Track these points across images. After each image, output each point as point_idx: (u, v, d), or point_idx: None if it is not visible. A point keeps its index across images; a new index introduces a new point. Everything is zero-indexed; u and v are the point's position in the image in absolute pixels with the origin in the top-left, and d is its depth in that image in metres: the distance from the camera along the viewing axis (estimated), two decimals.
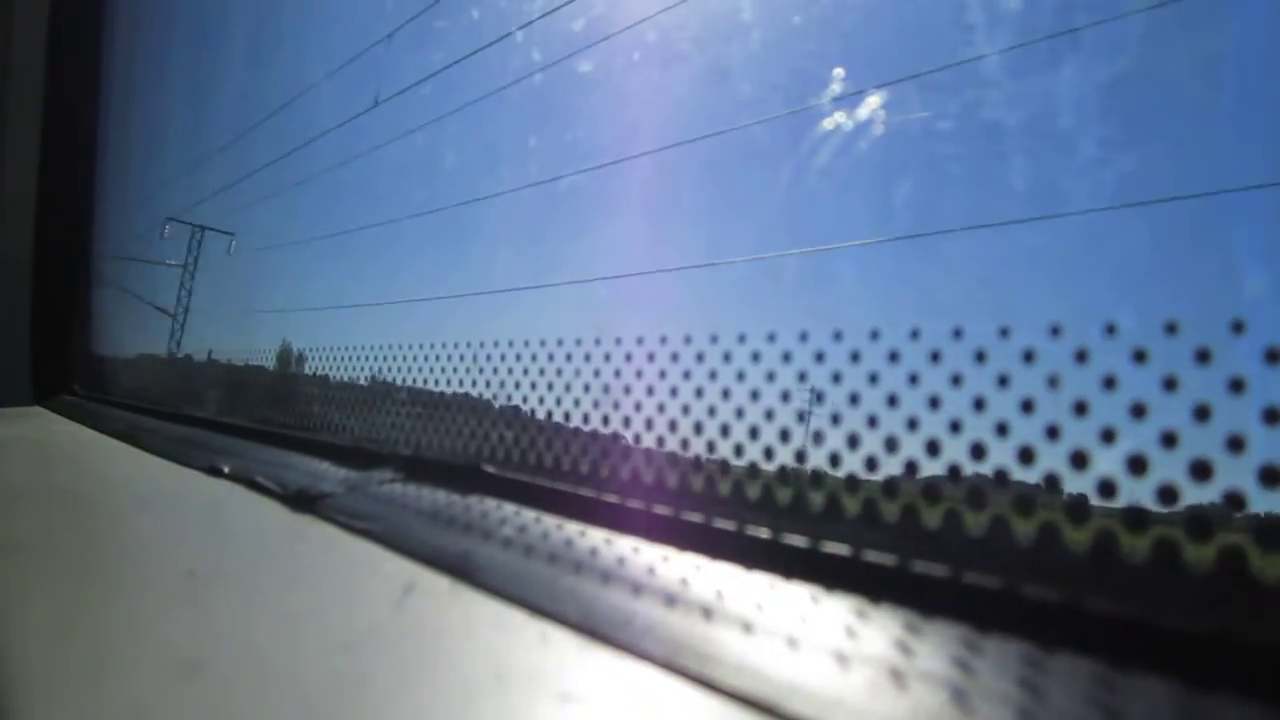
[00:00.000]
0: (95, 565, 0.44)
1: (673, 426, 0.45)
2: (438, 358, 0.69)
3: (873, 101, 0.51)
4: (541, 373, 0.56)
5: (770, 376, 0.42)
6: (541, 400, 0.55)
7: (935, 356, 0.35)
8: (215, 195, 1.70)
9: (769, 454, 0.41)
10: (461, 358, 0.66)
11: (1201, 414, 0.27)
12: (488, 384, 0.61)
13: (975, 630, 0.27)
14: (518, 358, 0.59)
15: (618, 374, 0.50)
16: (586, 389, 0.52)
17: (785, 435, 0.41)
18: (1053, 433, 0.31)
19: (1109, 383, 0.30)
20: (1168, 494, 0.27)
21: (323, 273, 1.37)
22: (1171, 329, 0.29)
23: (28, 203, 1.58)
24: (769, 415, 0.42)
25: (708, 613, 0.31)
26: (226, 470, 0.64)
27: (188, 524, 0.54)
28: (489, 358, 0.62)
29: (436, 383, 0.68)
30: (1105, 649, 0.24)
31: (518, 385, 0.58)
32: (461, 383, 0.65)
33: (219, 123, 1.72)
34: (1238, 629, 0.23)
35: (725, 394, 0.44)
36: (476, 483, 0.50)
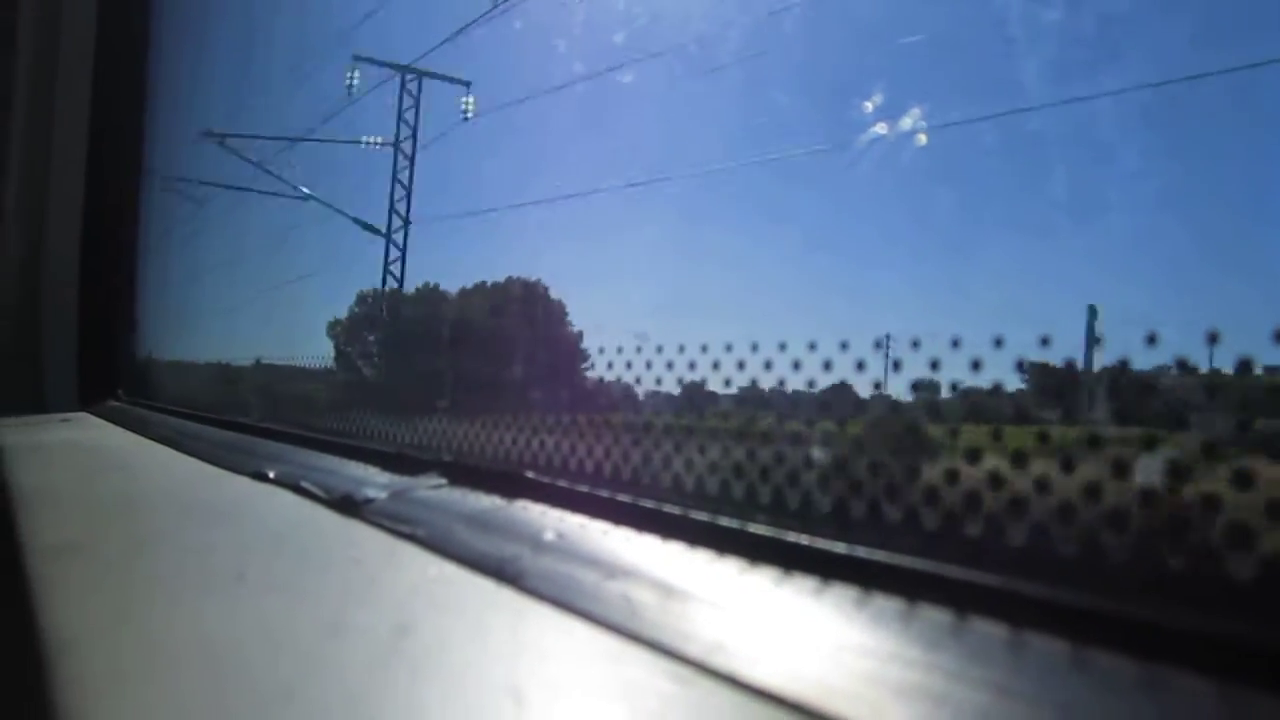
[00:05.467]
0: (148, 568, 0.45)
1: (714, 434, 0.46)
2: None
3: (915, 112, 0.51)
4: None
5: (811, 384, 0.42)
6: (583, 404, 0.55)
7: (976, 365, 0.35)
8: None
9: (809, 462, 0.41)
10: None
11: (1243, 425, 0.28)
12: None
13: (1013, 632, 0.27)
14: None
15: (659, 381, 0.50)
16: (630, 395, 0.52)
17: (828, 441, 0.41)
18: (1094, 441, 0.31)
19: (1148, 389, 0.30)
20: (1210, 501, 0.27)
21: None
22: (1213, 339, 0.29)
23: (75, 209, 1.60)
24: (810, 423, 0.42)
25: (752, 616, 0.31)
26: (271, 475, 0.65)
27: (236, 528, 0.54)
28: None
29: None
30: (1140, 652, 0.24)
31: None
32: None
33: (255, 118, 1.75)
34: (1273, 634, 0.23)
35: (765, 401, 0.44)
36: (520, 488, 0.50)
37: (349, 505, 0.52)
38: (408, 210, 1.49)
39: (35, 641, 0.34)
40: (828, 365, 0.42)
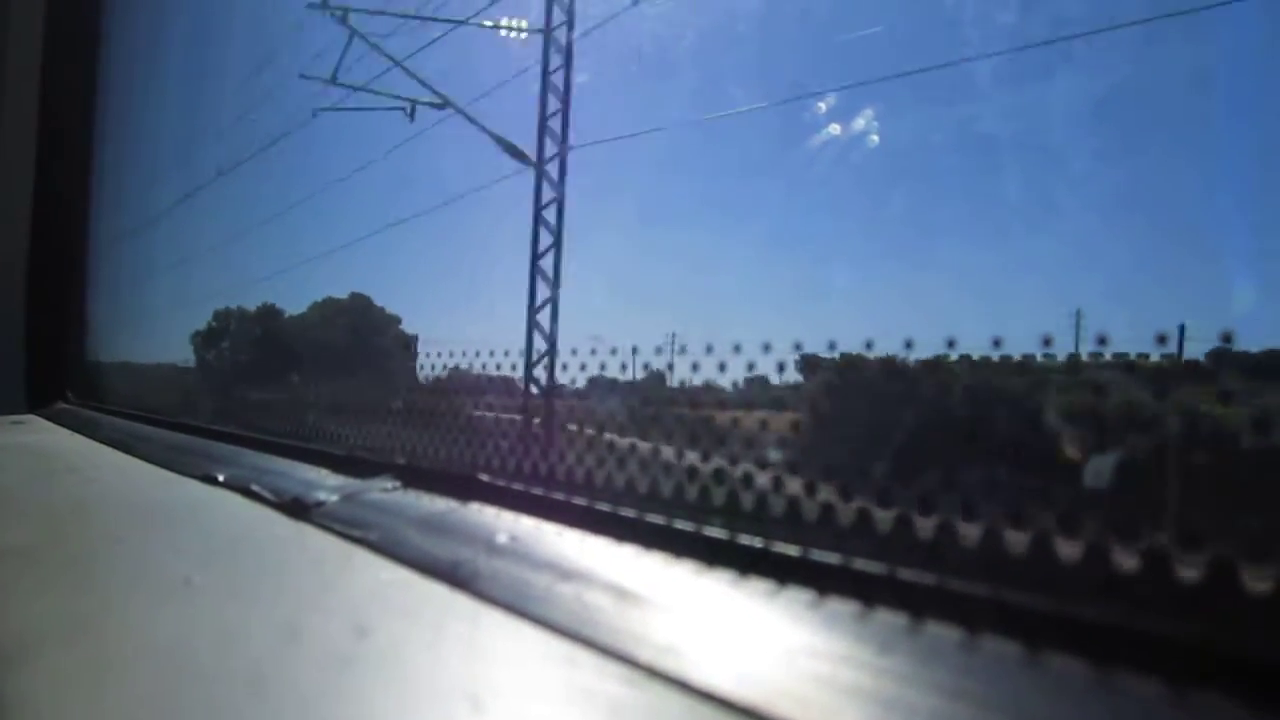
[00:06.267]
0: (94, 572, 0.44)
1: (669, 436, 0.46)
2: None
3: (868, 112, 0.51)
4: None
5: (763, 384, 0.42)
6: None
7: (932, 367, 0.36)
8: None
9: (763, 464, 0.41)
10: (457, 366, 0.66)
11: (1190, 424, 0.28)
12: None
13: (965, 634, 0.27)
14: (514, 367, 0.59)
15: (614, 382, 0.50)
16: (581, 395, 0.52)
17: (781, 443, 0.41)
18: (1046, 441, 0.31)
19: (1099, 390, 0.30)
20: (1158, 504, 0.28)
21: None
22: (1162, 340, 0.29)
23: (23, 211, 1.58)
24: (763, 425, 0.42)
25: (705, 620, 0.31)
26: (221, 479, 0.64)
27: (184, 532, 0.54)
28: (484, 366, 0.62)
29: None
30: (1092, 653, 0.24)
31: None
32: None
33: (211, 125, 1.75)
34: (1222, 637, 0.23)
35: (721, 404, 0.44)
36: (474, 491, 0.50)
37: (300, 509, 0.52)
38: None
39: None
40: (782, 367, 0.42)
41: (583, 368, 0.51)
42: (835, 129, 0.52)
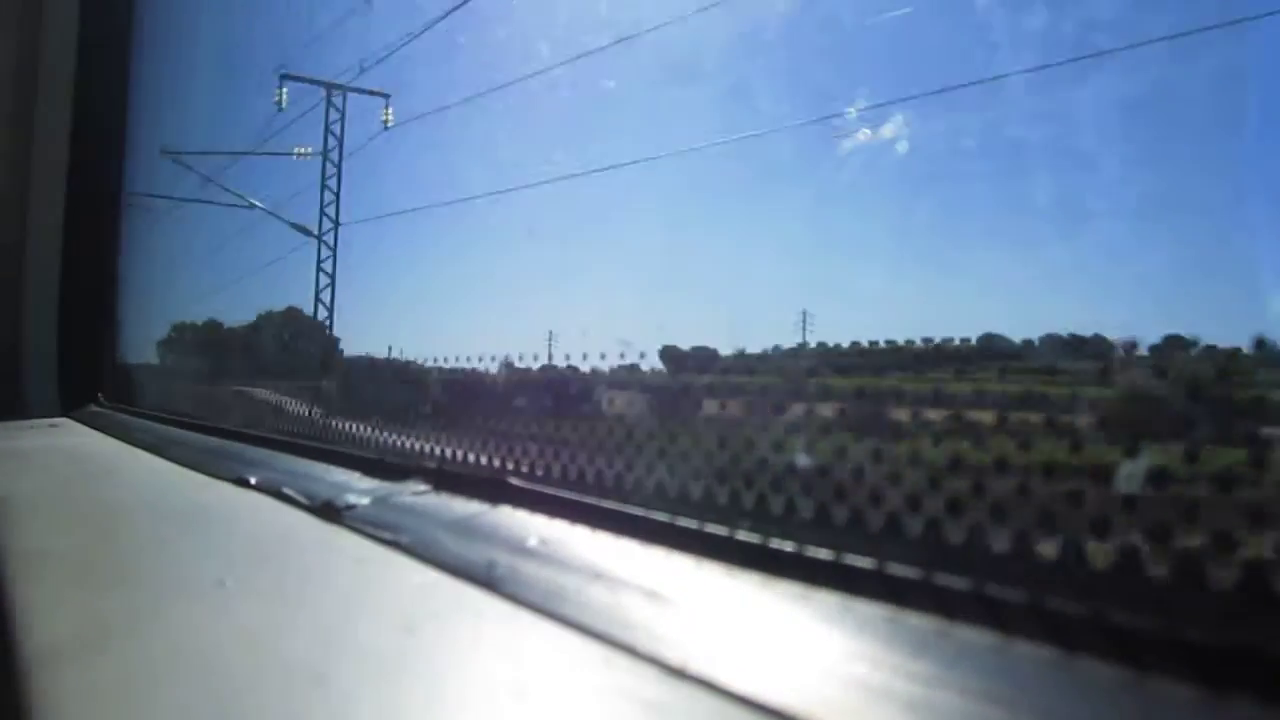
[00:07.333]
0: (128, 574, 0.45)
1: (698, 439, 0.46)
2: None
3: (898, 118, 0.51)
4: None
5: (795, 391, 0.42)
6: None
7: (960, 371, 0.36)
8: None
9: (792, 468, 0.41)
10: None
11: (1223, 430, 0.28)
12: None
13: (996, 637, 0.27)
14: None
15: (647, 385, 0.50)
16: (613, 400, 0.52)
17: (809, 448, 0.41)
18: (1076, 448, 0.31)
19: (1131, 397, 0.30)
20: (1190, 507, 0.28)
21: None
22: (1193, 344, 0.29)
23: (56, 217, 1.59)
24: (793, 427, 0.42)
25: (736, 622, 0.31)
26: (254, 482, 0.65)
27: (217, 534, 0.54)
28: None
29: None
30: (1126, 660, 0.24)
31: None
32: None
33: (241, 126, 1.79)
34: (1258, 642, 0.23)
35: (751, 406, 0.44)
36: (504, 494, 0.50)
37: (332, 512, 0.52)
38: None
39: (13, 652, 0.33)
40: (813, 371, 0.42)
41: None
42: (864, 134, 0.52)
